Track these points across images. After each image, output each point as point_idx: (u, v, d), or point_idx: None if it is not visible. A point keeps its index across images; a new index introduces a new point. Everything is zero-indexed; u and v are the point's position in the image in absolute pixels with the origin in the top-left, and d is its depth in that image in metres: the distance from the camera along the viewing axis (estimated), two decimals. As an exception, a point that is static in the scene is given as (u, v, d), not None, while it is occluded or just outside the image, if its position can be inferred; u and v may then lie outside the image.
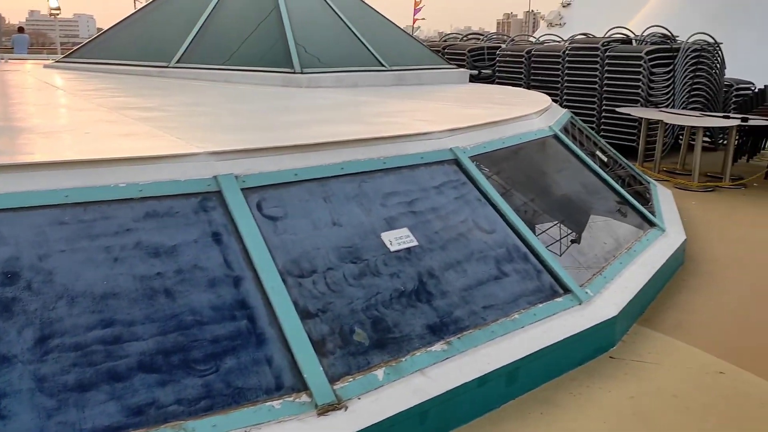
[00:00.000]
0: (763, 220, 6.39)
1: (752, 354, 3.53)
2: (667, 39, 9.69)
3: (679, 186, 7.60)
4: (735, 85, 10.23)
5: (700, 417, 2.92)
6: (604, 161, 5.97)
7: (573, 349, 3.29)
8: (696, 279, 4.65)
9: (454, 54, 11.31)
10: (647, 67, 8.84)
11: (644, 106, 8.89)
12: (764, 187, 7.74)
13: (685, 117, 8.17)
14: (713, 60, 9.66)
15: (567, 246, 4.50)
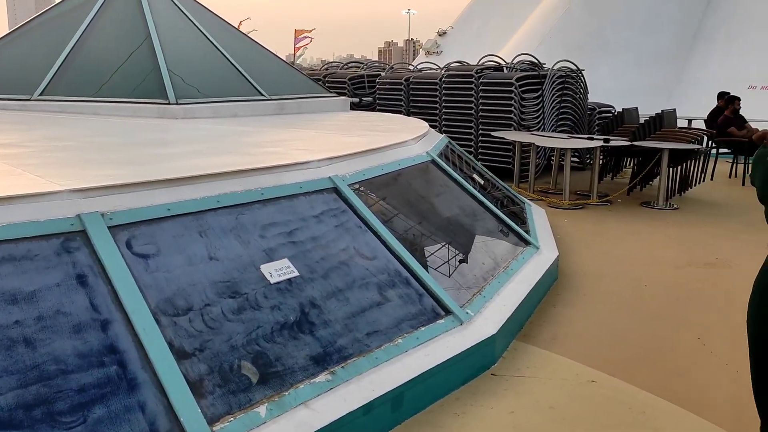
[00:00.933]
0: (627, 233, 6.86)
1: (620, 362, 3.76)
2: (534, 66, 10.28)
3: (552, 205, 8.03)
4: (597, 108, 11.00)
5: (574, 426, 3.06)
6: (481, 184, 6.21)
7: (456, 370, 3.36)
8: (569, 293, 4.91)
9: (335, 82, 11.44)
10: (518, 93, 9.34)
11: (517, 130, 9.36)
12: (627, 203, 8.33)
13: (554, 139, 8.68)
14: (577, 85, 10.35)
15: (455, 267, 4.63)
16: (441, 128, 9.99)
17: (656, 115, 9.37)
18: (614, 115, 10.53)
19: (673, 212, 7.87)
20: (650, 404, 3.26)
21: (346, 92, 10.98)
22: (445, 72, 10.29)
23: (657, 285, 5.17)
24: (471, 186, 5.57)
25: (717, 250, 6.15)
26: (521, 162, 9.12)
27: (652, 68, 14.13)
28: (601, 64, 13.52)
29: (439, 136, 6.39)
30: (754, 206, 8.65)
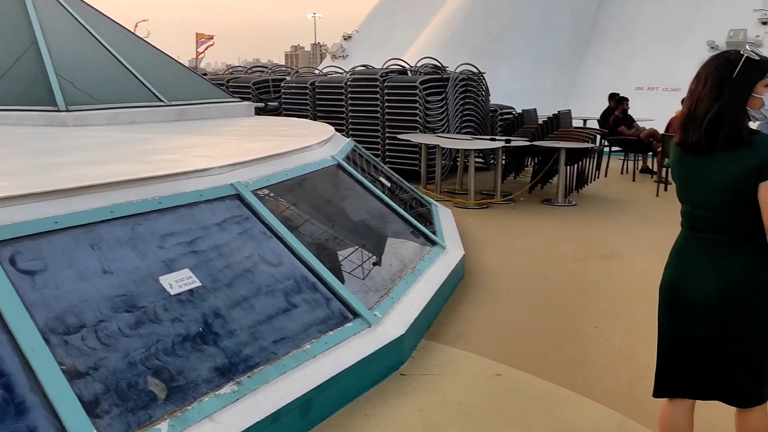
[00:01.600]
0: (529, 230, 7.12)
1: (524, 354, 3.89)
2: (438, 69, 10.49)
3: (458, 205, 8.21)
4: (499, 110, 11.36)
5: (481, 419, 3.14)
6: (388, 187, 6.27)
7: (365, 372, 3.37)
8: (475, 290, 5.04)
9: (239, 87, 11.24)
10: (422, 96, 9.50)
11: (423, 132, 9.52)
12: (529, 201, 8.64)
13: (458, 141, 8.88)
14: (479, 88, 10.64)
15: (363, 271, 4.64)
16: (348, 132, 10.02)
17: (553, 115, 9.78)
18: (515, 117, 10.90)
19: (571, 208, 8.23)
20: (552, 393, 3.39)
21: (251, 97, 10.81)
22: (351, 76, 10.33)
23: (557, 278, 5.40)
24: (378, 189, 5.61)
25: (611, 243, 6.48)
26: (428, 164, 9.28)
27: (550, 71, 14.75)
28: (501, 66, 13.97)
29: (344, 140, 6.40)
30: (644, 201, 9.24)
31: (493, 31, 15.10)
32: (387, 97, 9.76)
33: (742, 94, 2.13)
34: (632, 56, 14.41)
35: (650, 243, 6.64)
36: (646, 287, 5.19)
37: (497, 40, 15.04)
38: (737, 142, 2.09)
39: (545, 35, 15.05)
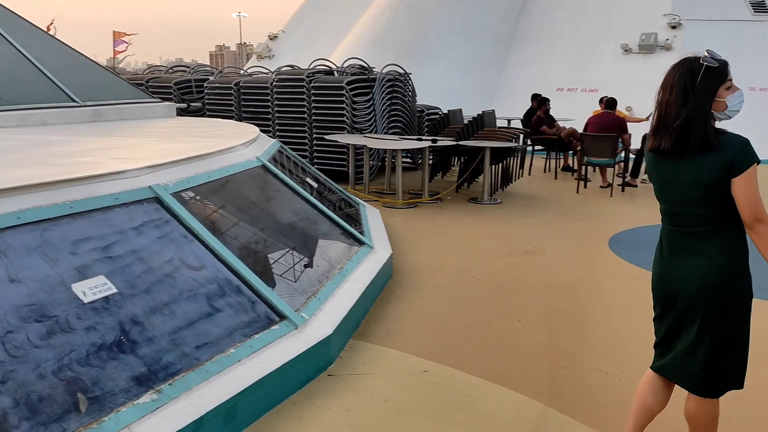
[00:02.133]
0: (456, 228, 7.23)
1: (450, 350, 3.95)
2: (364, 70, 10.51)
3: (386, 205, 8.25)
4: (426, 110, 11.49)
5: (408, 416, 3.16)
6: (315, 187, 6.24)
7: (292, 374, 3.34)
8: (403, 289, 5.07)
9: (160, 87, 10.93)
10: (349, 96, 9.50)
11: (351, 133, 9.52)
12: (456, 200, 8.77)
13: (385, 141, 8.93)
14: (405, 88, 10.73)
15: (290, 272, 4.59)
16: (275, 133, 9.91)
17: (478, 116, 9.97)
18: (441, 117, 11.05)
19: (496, 206, 8.41)
20: (477, 387, 3.45)
21: (172, 98, 10.54)
22: (277, 76, 10.21)
23: (482, 275, 5.50)
24: (304, 190, 5.57)
25: (534, 239, 6.66)
26: (356, 164, 9.29)
27: (475, 72, 15.02)
28: (427, 67, 14.12)
29: (270, 141, 6.32)
30: (566, 198, 9.53)
31: (418, 31, 15.25)
32: (314, 97, 9.71)
33: (706, 100, 2.29)
34: (553, 58, 14.86)
35: (571, 238, 6.88)
36: (567, 280, 5.39)
37: (423, 40, 15.20)
38: (707, 145, 2.27)
39: (470, 36, 15.32)
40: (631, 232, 7.00)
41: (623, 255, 6.07)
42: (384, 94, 10.12)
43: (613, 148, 9.18)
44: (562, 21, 15.20)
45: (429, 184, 9.09)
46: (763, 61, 13.43)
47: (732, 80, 2.34)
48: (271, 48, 19.08)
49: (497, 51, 15.49)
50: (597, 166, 9.76)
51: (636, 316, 4.62)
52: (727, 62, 2.35)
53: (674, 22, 13.76)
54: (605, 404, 3.32)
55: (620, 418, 3.16)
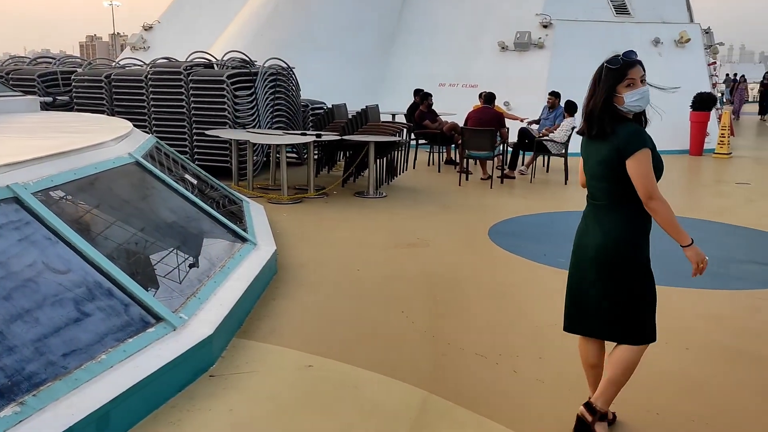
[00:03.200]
0: (342, 222, 7.25)
1: (336, 343, 3.95)
2: (246, 63, 10.29)
3: (272, 201, 8.13)
4: (310, 105, 11.41)
5: (293, 411, 3.14)
6: (195, 184, 6.04)
7: (170, 377, 3.22)
8: (288, 285, 5.02)
9: (21, 80, 10.17)
10: (230, 90, 9.26)
11: (233, 128, 9.29)
12: (342, 194, 8.79)
13: (269, 136, 8.79)
14: (289, 83, 10.61)
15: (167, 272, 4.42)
16: (151, 129, 9.51)
17: (362, 110, 10.03)
18: (326, 111, 11.03)
19: (382, 200, 8.51)
20: (362, 378, 3.48)
21: (36, 91, 9.83)
22: (152, 69, 9.78)
23: (368, 267, 5.55)
24: (183, 187, 5.38)
25: (418, 231, 6.80)
26: (239, 160, 9.08)
27: (359, 66, 15.09)
28: (312, 61, 14.01)
29: (145, 137, 6.05)
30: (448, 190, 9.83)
31: (301, 25, 15.11)
32: (193, 91, 9.38)
33: (605, 95, 2.70)
34: (435, 54, 15.20)
35: (453, 229, 7.09)
36: (448, 270, 5.55)
37: (306, 34, 15.07)
38: (602, 132, 2.72)
39: (354, 31, 15.37)
40: (509, 222, 7.32)
41: (502, 244, 6.32)
42: (267, 89, 9.96)
43: (492, 141, 9.54)
44: (443, 18, 15.58)
45: (315, 179, 9.07)
46: (624, 60, 14.42)
47: (635, 79, 2.67)
48: (146, 39, 18.24)
49: (381, 46, 15.65)
50: (477, 159, 10.11)
51: (512, 301, 4.84)
52: (634, 63, 2.70)
53: (546, 21, 14.46)
54: (484, 387, 3.44)
55: (497, 400, 3.30)
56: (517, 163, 10.44)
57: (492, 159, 9.78)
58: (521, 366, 3.67)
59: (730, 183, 10.22)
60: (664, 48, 14.71)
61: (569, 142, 9.98)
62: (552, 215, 7.78)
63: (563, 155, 10.01)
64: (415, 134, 11.32)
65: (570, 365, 3.64)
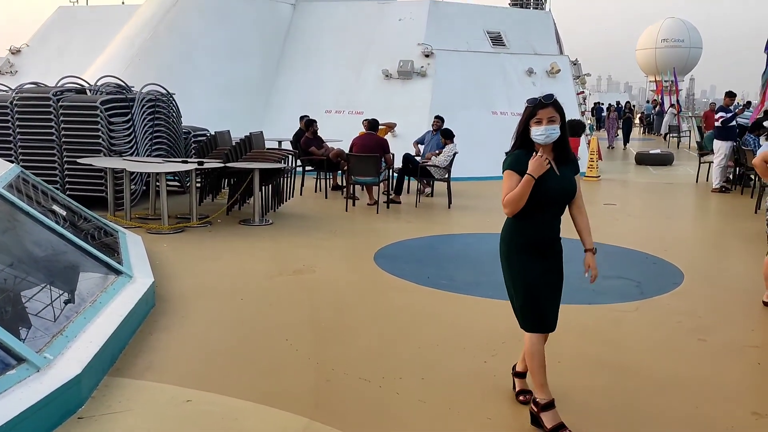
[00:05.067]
0: (226, 251, 7.09)
1: (216, 375, 3.85)
2: (122, 89, 9.91)
3: (151, 231, 7.83)
4: (193, 132, 11.14)
5: (168, 450, 3.02)
6: (64, 216, 5.73)
7: (33, 422, 3.01)
8: (167, 318, 4.84)
9: None
10: (105, 117, 8.88)
11: (108, 156, 8.90)
12: (227, 222, 8.61)
13: (147, 164, 8.49)
14: (169, 109, 10.32)
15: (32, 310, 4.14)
16: (18, 158, 8.93)
17: (246, 137, 9.92)
18: (209, 138, 10.81)
19: (267, 227, 8.42)
20: (242, 409, 3.40)
21: None
22: (18, 95, 9.21)
23: (252, 297, 5.46)
24: (50, 219, 5.08)
25: (303, 258, 6.78)
26: (116, 189, 8.69)
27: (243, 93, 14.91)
28: (193, 88, 13.70)
29: (7, 166, 5.68)
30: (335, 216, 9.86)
31: (182, 52, 14.75)
32: (63, 118, 8.91)
33: (521, 128, 3.22)
34: (320, 81, 15.32)
35: (340, 255, 7.13)
36: (334, 296, 5.56)
37: (187, 61, 14.73)
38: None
39: (237, 58, 15.19)
40: (394, 246, 7.45)
41: (386, 268, 6.42)
42: (145, 115, 9.63)
43: (376, 167, 9.71)
44: (328, 46, 15.75)
45: (198, 207, 8.84)
46: (500, 88, 15.18)
47: (542, 119, 3.13)
48: (13, 63, 17.15)
49: (265, 73, 15.57)
50: (364, 185, 10.24)
51: (395, 324, 4.92)
52: (544, 105, 3.15)
53: (427, 51, 14.97)
54: (367, 410, 3.46)
55: (381, 422, 3.33)
56: (401, 188, 10.67)
57: (378, 184, 9.94)
58: (404, 388, 3.73)
59: (599, 204, 10.95)
60: (538, 78, 15.63)
61: (451, 166, 10.33)
62: (436, 238, 8.01)
63: (446, 180, 10.34)
64: (302, 161, 11.31)
65: (451, 385, 3.74)
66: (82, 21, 18.09)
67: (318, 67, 15.64)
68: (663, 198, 12.16)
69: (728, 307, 5.41)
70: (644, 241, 7.81)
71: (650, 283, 6.05)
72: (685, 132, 25.39)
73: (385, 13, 16.21)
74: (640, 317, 5.12)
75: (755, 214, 9.78)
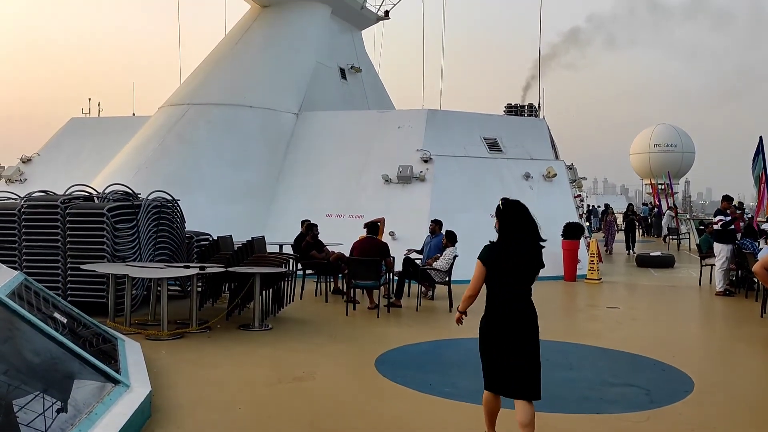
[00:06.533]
0: (224, 358, 6.98)
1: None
2: (128, 196, 10.12)
3: (150, 337, 7.75)
4: (195, 237, 11.27)
5: None
6: (64, 323, 5.70)
7: None
8: (162, 429, 4.71)
9: None
10: (110, 223, 9.01)
11: (111, 261, 8.95)
12: (226, 328, 8.54)
13: (150, 269, 8.52)
14: (173, 215, 10.49)
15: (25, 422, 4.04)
16: (22, 265, 8.99)
17: (248, 242, 10.02)
18: (211, 243, 10.91)
19: (267, 332, 8.33)
20: None
21: None
22: (26, 202, 9.39)
23: (250, 406, 5.34)
24: (50, 326, 5.05)
25: (304, 364, 6.67)
26: (117, 294, 8.68)
27: (246, 198, 15.20)
28: (198, 193, 14.00)
29: (11, 274, 5.72)
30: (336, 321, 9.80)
31: (188, 159, 15.19)
32: (70, 225, 9.04)
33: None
34: (321, 186, 15.64)
35: (340, 360, 7.02)
36: (334, 404, 5.44)
37: (193, 168, 15.14)
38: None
39: (240, 165, 15.61)
40: (395, 352, 7.34)
41: (388, 375, 6.31)
42: (150, 221, 9.78)
43: (377, 270, 9.74)
44: (329, 153, 16.21)
45: (198, 312, 8.78)
46: (498, 192, 15.44)
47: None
48: (23, 172, 17.61)
49: (268, 179, 15.93)
50: (364, 289, 10.22)
51: (398, 434, 4.78)
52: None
53: (426, 156, 15.38)
54: None
55: None
56: (402, 291, 10.65)
57: (378, 288, 9.93)
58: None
59: (602, 307, 10.88)
60: (534, 182, 15.96)
61: (452, 269, 10.36)
62: (437, 343, 7.91)
63: (447, 283, 10.33)
64: (302, 264, 11.36)
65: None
66: (93, 131, 18.73)
67: (319, 172, 16.01)
68: (667, 301, 12.09)
69: (742, 417, 5.27)
70: (651, 347, 7.68)
71: (660, 391, 5.90)
72: (685, 234, 25.57)
73: (384, 121, 16.81)
74: (652, 428, 4.97)
75: (761, 318, 9.69)
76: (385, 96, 22.51)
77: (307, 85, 17.93)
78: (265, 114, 16.70)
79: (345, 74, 20.13)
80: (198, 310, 8.89)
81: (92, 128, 19.05)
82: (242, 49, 18.01)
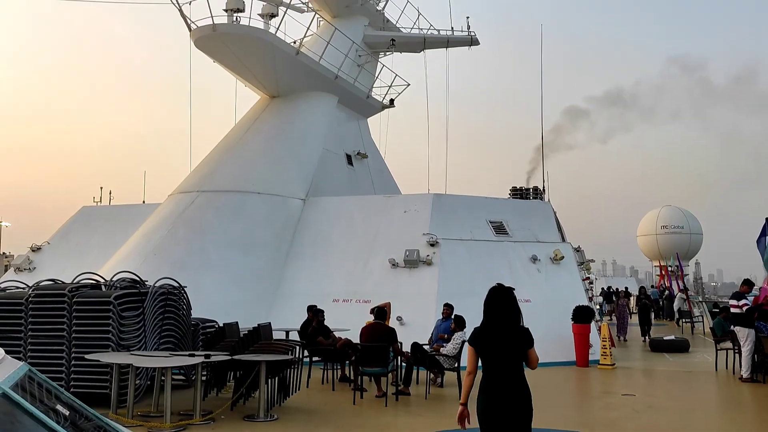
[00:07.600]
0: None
1: None
2: (136, 283, 10.12)
3: (152, 430, 7.58)
4: (201, 323, 11.18)
5: None
6: (66, 416, 5.58)
7: None
8: None
9: None
10: (116, 311, 8.98)
11: (116, 350, 8.86)
12: (231, 418, 8.34)
13: (154, 358, 8.42)
14: (179, 302, 10.45)
15: None
16: (27, 354, 8.91)
17: (254, 328, 9.94)
18: (217, 330, 10.82)
19: (273, 423, 8.13)
20: None
21: None
22: (33, 291, 9.41)
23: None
24: (51, 419, 4.95)
25: (310, 457, 6.46)
26: (120, 385, 8.54)
27: (252, 284, 15.16)
28: (204, 280, 13.99)
29: (16, 365, 5.62)
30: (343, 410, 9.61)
31: (195, 245, 15.30)
32: (76, 313, 9.02)
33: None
34: (327, 271, 15.63)
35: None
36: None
37: (201, 254, 15.21)
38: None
39: (247, 250, 15.68)
40: (404, 443, 7.12)
41: (397, 467, 6.09)
42: (156, 309, 9.74)
43: (384, 357, 9.58)
44: (335, 238, 16.30)
45: (202, 402, 8.60)
46: (506, 275, 15.37)
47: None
48: (32, 260, 17.73)
49: (274, 264, 15.95)
50: (372, 376, 10.02)
51: None
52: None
53: (432, 240, 15.43)
54: None
55: None
56: (411, 378, 10.43)
57: (386, 375, 9.73)
58: None
59: (617, 394, 10.59)
60: (542, 265, 15.91)
61: (461, 355, 10.18)
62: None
63: (455, 369, 10.13)
64: (309, 351, 11.20)
65: None
66: (103, 219, 18.98)
67: (326, 257, 16.04)
68: (684, 388, 11.76)
69: None
70: (668, 435, 7.44)
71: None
72: (698, 317, 25.13)
73: (390, 205, 16.97)
74: None
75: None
76: (390, 181, 22.86)
77: (315, 171, 18.26)
78: (272, 200, 16.93)
79: (351, 160, 20.53)
80: (202, 400, 8.71)
81: (103, 216, 19.34)
82: (252, 137, 18.47)
